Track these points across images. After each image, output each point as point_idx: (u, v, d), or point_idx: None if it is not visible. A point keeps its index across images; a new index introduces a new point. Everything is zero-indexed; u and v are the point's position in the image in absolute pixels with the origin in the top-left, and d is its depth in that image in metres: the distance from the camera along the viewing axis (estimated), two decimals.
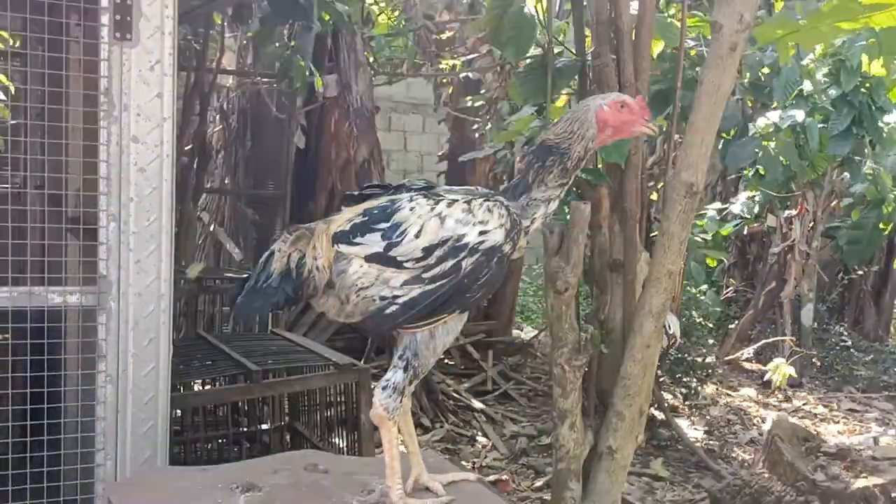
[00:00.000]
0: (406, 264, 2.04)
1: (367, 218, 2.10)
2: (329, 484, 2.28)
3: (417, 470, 2.32)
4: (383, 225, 2.06)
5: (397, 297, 2.04)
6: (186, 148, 6.99)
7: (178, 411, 3.81)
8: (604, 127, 2.12)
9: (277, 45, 5.66)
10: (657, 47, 3.77)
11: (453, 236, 2.04)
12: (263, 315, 2.16)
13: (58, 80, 2.72)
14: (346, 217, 2.16)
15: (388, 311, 2.05)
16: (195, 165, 6.89)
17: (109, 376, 2.58)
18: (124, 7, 2.43)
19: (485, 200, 2.10)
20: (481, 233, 2.05)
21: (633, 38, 3.11)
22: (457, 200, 2.10)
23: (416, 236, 2.04)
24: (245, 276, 2.22)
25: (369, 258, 2.05)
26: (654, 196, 5.19)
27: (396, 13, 7.87)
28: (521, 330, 9.97)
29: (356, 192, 2.29)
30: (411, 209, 2.07)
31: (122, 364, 2.58)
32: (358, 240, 2.07)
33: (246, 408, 4.61)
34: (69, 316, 2.84)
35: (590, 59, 3.23)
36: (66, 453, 2.67)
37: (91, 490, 2.63)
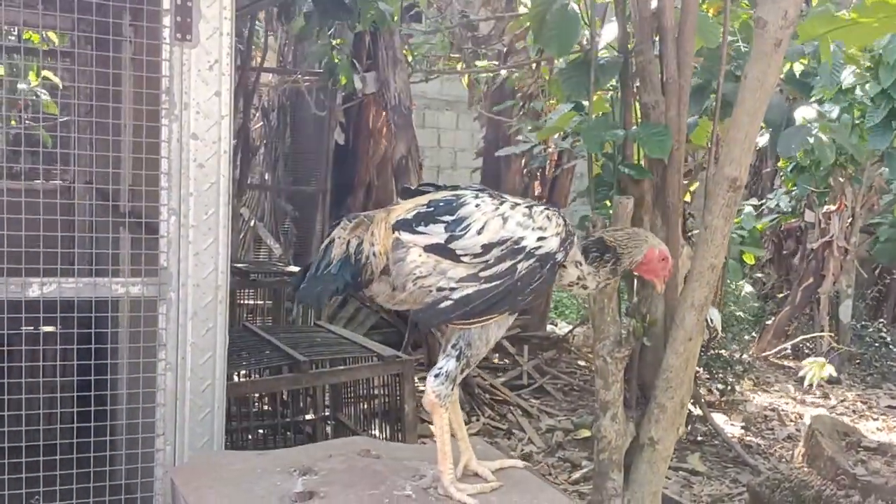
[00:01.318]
0: (464, 258, 2.10)
1: (432, 209, 2.16)
2: (382, 469, 2.35)
3: (467, 456, 2.39)
4: (448, 217, 2.13)
5: (453, 289, 2.10)
6: None
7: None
8: (646, 262, 2.36)
9: (321, 43, 5.74)
10: (698, 43, 3.80)
11: (513, 237, 2.11)
12: (323, 301, 2.21)
13: (108, 79, 2.82)
14: (406, 207, 2.21)
15: (441, 305, 2.11)
16: (238, 162, 7.02)
17: (169, 364, 2.67)
18: (185, 9, 2.53)
19: (545, 209, 2.20)
20: (539, 238, 2.14)
21: (677, 34, 3.14)
22: (519, 204, 2.19)
23: (479, 232, 2.10)
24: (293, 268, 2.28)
25: (429, 248, 2.11)
26: (686, 197, 5.20)
27: (433, 9, 7.93)
28: (556, 325, 10.00)
29: (413, 188, 2.35)
30: (477, 206, 2.15)
31: (181, 353, 2.68)
32: (421, 229, 2.13)
33: (290, 399, 4.71)
34: (131, 307, 2.95)
35: (632, 55, 3.27)
36: (127, 438, 2.78)
37: (151, 474, 2.73)
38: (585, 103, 3.40)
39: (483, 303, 2.11)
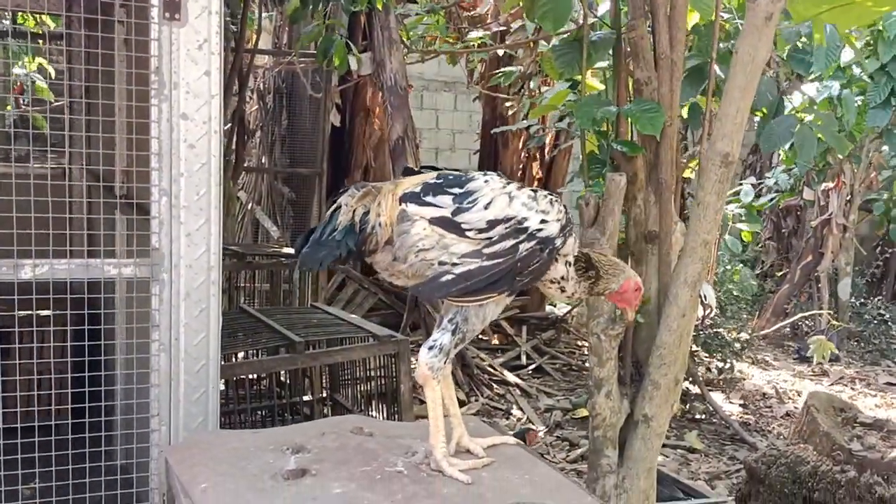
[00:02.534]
0: (468, 233, 2.12)
1: (441, 181, 2.19)
2: (374, 446, 2.37)
3: (459, 432, 2.40)
4: (456, 189, 2.16)
5: (455, 265, 2.12)
6: (225, 128, 7.10)
7: (223, 382, 3.94)
8: (621, 291, 2.45)
9: (316, 24, 5.71)
10: (691, 20, 3.78)
11: (517, 217, 2.15)
12: (325, 265, 2.21)
13: (101, 60, 2.82)
14: (414, 181, 2.23)
15: (443, 279, 2.12)
16: (234, 144, 7.00)
17: (163, 345, 2.68)
18: None
19: (548, 194, 2.26)
20: (542, 221, 2.18)
21: (669, 9, 3.12)
22: (524, 187, 2.24)
23: (486, 207, 2.14)
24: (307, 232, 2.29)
25: (434, 221, 2.13)
26: (687, 173, 5.19)
27: None
28: (555, 306, 10.02)
29: (415, 169, 2.37)
30: (485, 181, 2.19)
31: (175, 333, 2.69)
32: (429, 199, 2.14)
33: (287, 380, 4.73)
34: (118, 288, 2.95)
35: (625, 31, 3.25)
36: (121, 419, 2.79)
37: (146, 454, 2.74)
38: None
39: (484, 280, 2.13)
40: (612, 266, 2.43)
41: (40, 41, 5.60)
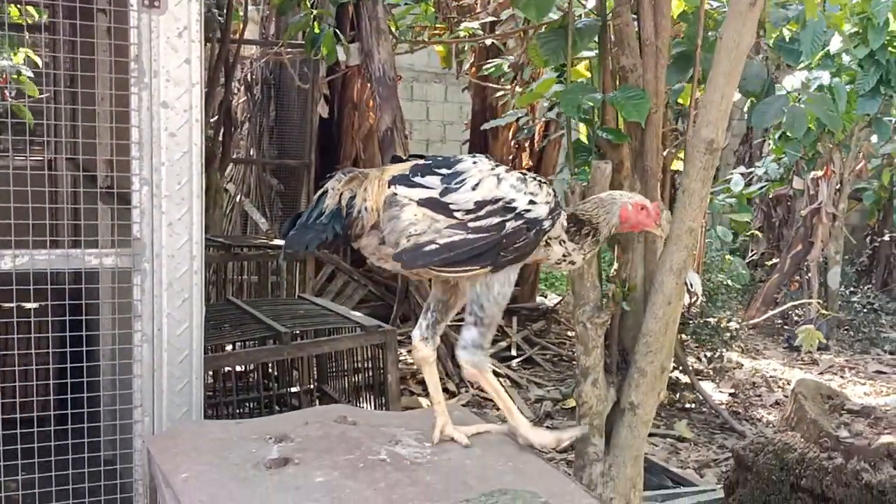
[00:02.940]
0: (456, 213, 2.14)
1: (430, 162, 2.23)
2: (358, 435, 2.36)
3: (443, 420, 2.39)
4: (444, 171, 2.19)
5: (439, 237, 2.14)
6: (212, 120, 7.07)
7: (211, 374, 3.93)
8: (624, 221, 2.40)
9: (304, 14, 5.68)
10: (679, 6, 3.77)
11: (505, 198, 2.18)
12: (311, 248, 2.22)
13: (85, 49, 2.80)
14: (402, 167, 2.25)
15: (426, 248, 2.15)
16: (221, 136, 6.96)
17: (145, 336, 2.66)
18: None
19: (536, 177, 2.28)
20: (530, 202, 2.20)
21: None
22: (513, 170, 2.27)
23: (473, 188, 2.16)
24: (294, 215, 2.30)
25: (422, 202, 2.14)
26: (677, 164, 5.18)
27: None
28: (545, 297, 10.03)
29: (404, 157, 2.38)
30: (474, 163, 2.22)
31: (157, 324, 2.67)
32: (417, 179, 2.17)
33: (276, 372, 4.72)
34: (106, 278, 2.93)
35: (610, 18, 3.24)
36: (105, 410, 2.77)
37: (130, 445, 2.73)
38: None
39: (466, 251, 2.15)
40: (597, 207, 2.40)
41: (25, 32, 5.56)
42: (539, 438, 2.36)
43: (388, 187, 2.18)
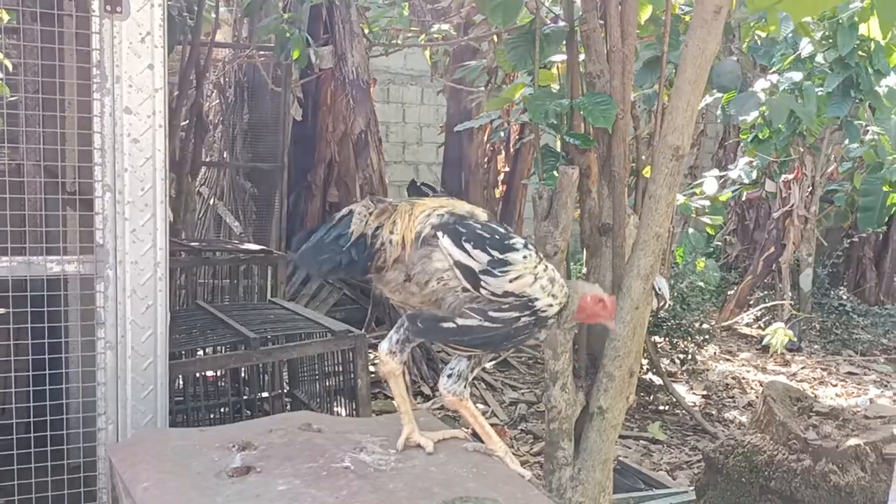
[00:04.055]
0: (483, 291, 2.16)
1: (487, 236, 2.18)
2: (322, 441, 2.35)
3: (409, 428, 2.39)
4: (496, 254, 2.16)
5: (460, 316, 2.17)
6: (184, 123, 7.03)
7: (180, 380, 3.89)
8: (581, 310, 2.40)
9: (274, 17, 5.65)
10: (646, 12, 3.79)
11: (530, 296, 2.21)
12: (322, 270, 2.19)
13: (53, 54, 2.77)
14: (431, 205, 2.23)
15: (443, 324, 2.19)
16: (192, 139, 6.92)
17: (109, 343, 2.65)
18: None
19: (561, 280, 2.32)
20: (548, 305, 2.25)
21: (619, 3, 3.13)
22: (548, 267, 2.28)
23: (511, 281, 2.17)
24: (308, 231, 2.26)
25: (458, 265, 2.14)
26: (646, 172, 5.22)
27: None
28: None
29: (419, 184, 2.39)
30: (523, 257, 2.20)
31: (121, 331, 2.65)
32: (468, 247, 2.15)
33: (247, 377, 4.69)
34: (70, 285, 2.91)
35: (577, 24, 3.25)
36: (69, 418, 2.75)
37: (94, 453, 2.71)
38: None
39: (479, 338, 2.21)
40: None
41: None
42: (516, 467, 2.37)
43: (431, 230, 2.16)
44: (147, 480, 2.10)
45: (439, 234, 2.16)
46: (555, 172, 3.35)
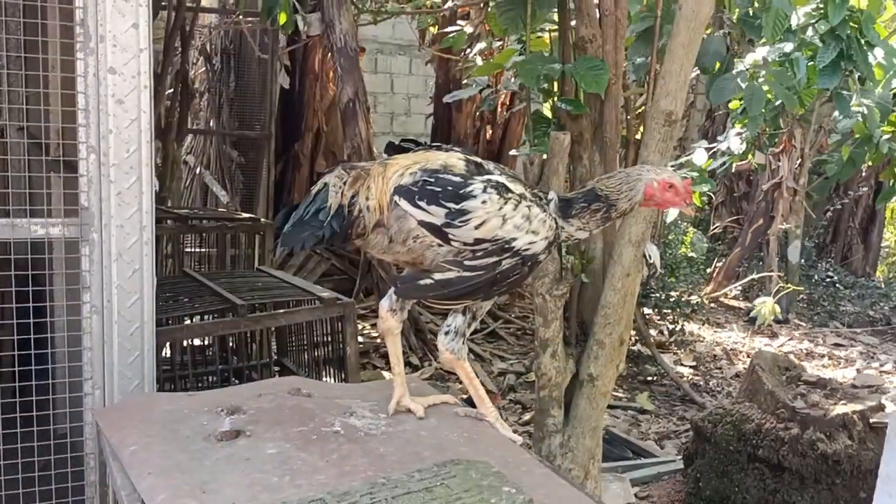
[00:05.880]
0: (454, 243, 2.10)
1: (439, 189, 2.09)
2: (312, 406, 2.32)
3: (400, 392, 2.37)
4: (451, 205, 2.08)
5: (437, 271, 2.13)
6: (169, 91, 6.93)
7: (168, 347, 3.86)
8: (649, 199, 2.25)
9: None
10: None
11: (505, 238, 2.12)
12: (307, 246, 2.16)
13: (35, 12, 2.71)
14: (403, 163, 2.17)
15: (421, 282, 2.15)
16: (178, 105, 6.83)
17: (94, 307, 2.60)
18: None
19: (541, 210, 2.18)
20: (530, 242, 2.15)
21: None
22: (520, 203, 2.14)
23: (476, 228, 2.09)
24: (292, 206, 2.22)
25: (422, 223, 2.09)
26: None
27: None
28: None
29: (396, 143, 2.33)
30: (483, 202, 2.09)
31: (107, 295, 2.60)
32: (422, 205, 2.09)
33: (235, 346, 4.66)
34: (55, 249, 2.86)
35: None
36: (55, 383, 2.71)
37: (81, 419, 2.67)
38: None
39: (461, 289, 2.15)
40: (622, 183, 2.25)
41: None
42: (506, 432, 2.34)
43: (393, 195, 2.10)
44: (134, 444, 2.07)
45: (396, 197, 2.11)
46: (546, 138, 3.32)
